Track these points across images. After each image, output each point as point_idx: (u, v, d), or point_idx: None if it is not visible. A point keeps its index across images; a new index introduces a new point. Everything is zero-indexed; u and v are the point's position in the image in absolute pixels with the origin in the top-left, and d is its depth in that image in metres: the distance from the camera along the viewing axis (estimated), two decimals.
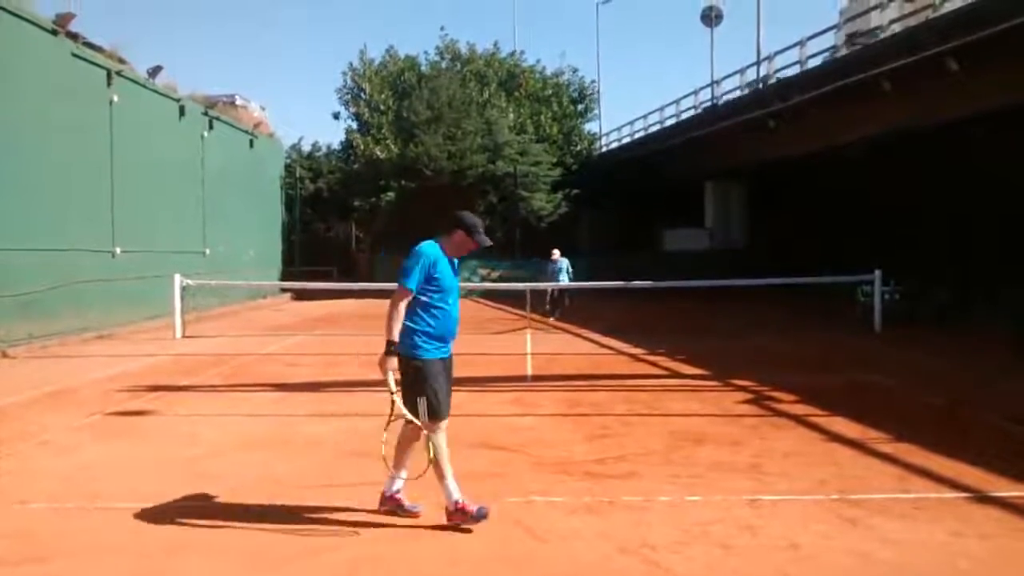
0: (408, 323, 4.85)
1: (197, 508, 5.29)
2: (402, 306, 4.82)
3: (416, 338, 4.85)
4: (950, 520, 4.90)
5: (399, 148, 33.43)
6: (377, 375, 4.85)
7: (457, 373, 5.21)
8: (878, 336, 15.30)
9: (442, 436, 4.90)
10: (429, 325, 4.89)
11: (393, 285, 4.92)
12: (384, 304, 4.98)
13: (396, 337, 4.79)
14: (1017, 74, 15.04)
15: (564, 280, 20.34)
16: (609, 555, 4.39)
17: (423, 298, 4.87)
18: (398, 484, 5.09)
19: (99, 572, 4.27)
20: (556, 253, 20.58)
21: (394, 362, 4.81)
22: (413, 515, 5.03)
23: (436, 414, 4.84)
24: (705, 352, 13.10)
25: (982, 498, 5.32)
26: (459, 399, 9.28)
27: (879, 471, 6.04)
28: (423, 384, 4.80)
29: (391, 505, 5.09)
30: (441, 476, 4.86)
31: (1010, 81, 15.30)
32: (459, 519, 4.82)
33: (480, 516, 4.79)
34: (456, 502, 4.84)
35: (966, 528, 4.76)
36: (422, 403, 4.80)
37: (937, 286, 18.52)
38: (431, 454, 4.77)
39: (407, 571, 4.22)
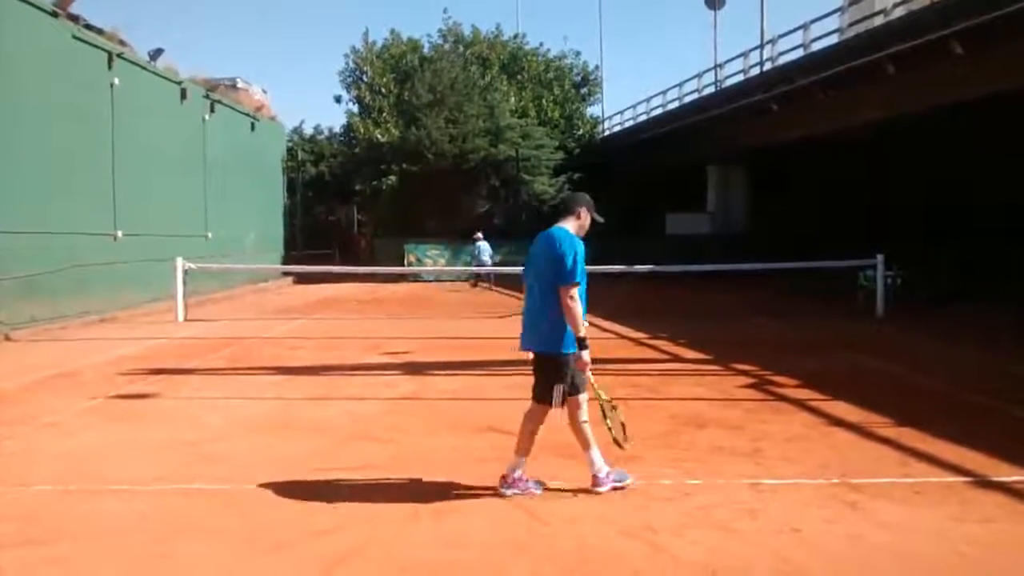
0: (559, 317, 4.91)
1: (200, 491, 5.31)
2: (578, 301, 4.88)
3: (566, 335, 4.93)
4: (951, 504, 4.91)
5: (400, 131, 33.33)
6: (376, 359, 4.86)
7: (460, 357, 5.23)
8: (881, 320, 15.29)
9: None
10: None
11: (394, 268, 4.95)
12: (387, 288, 5.01)
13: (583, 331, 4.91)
14: (1021, 58, 14.95)
15: (487, 261, 24.29)
16: (611, 538, 4.40)
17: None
18: (521, 466, 5.21)
19: (102, 554, 4.28)
20: (479, 235, 24.46)
21: (588, 355, 4.94)
22: (532, 494, 5.11)
23: (564, 402, 5.08)
24: (706, 336, 13.09)
25: (983, 482, 5.32)
26: (463, 383, 9.38)
27: (880, 455, 6.05)
28: (563, 373, 4.96)
29: (520, 487, 5.16)
30: (588, 445, 5.12)
31: (1014, 65, 15.21)
32: (602, 482, 5.06)
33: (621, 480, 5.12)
34: (597, 472, 5.10)
35: (967, 512, 4.76)
36: (559, 389, 4.97)
37: (939, 271, 18.50)
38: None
39: (408, 554, 4.23)
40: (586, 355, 4.93)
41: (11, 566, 4.13)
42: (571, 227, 5.13)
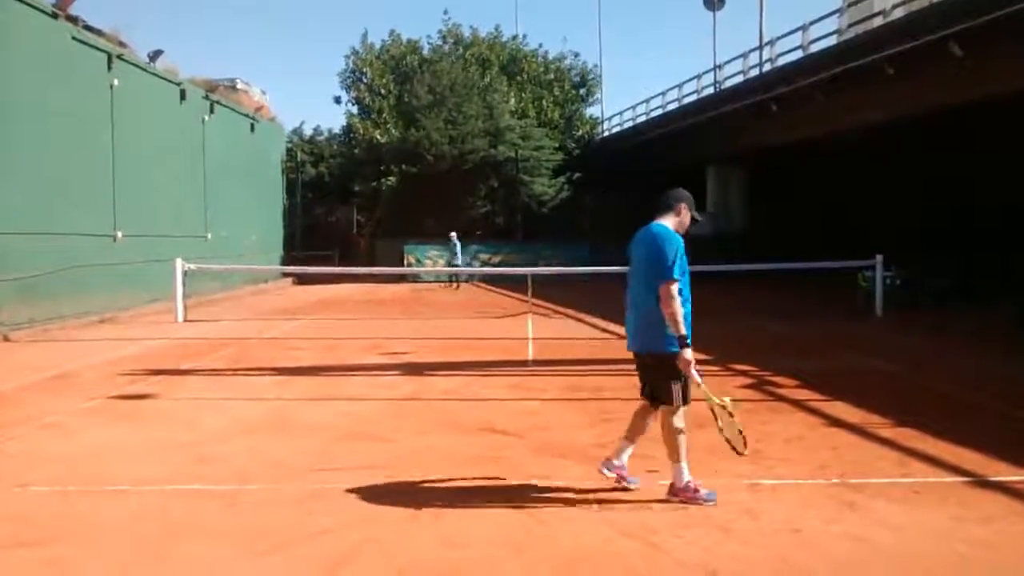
0: (661, 315, 4.85)
1: (198, 491, 5.30)
2: (677, 299, 4.81)
3: (669, 331, 4.85)
4: (951, 504, 4.91)
5: (400, 132, 33.33)
6: (375, 359, 4.85)
7: (458, 357, 5.22)
8: (879, 321, 15.29)
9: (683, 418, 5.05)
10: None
11: (394, 269, 4.94)
12: (386, 289, 5.00)
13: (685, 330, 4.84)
14: (1021, 59, 14.94)
15: (459, 259, 26.44)
16: (610, 538, 4.40)
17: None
18: (625, 456, 5.22)
19: (100, 555, 4.28)
20: (453, 235, 26.53)
21: (690, 353, 4.85)
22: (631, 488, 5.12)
23: (688, 398, 5.01)
24: (705, 337, 12.94)
25: (983, 482, 5.32)
26: (461, 383, 9.37)
27: (880, 455, 6.04)
28: (678, 371, 4.89)
29: (618, 475, 5.17)
30: (680, 457, 4.99)
31: (1014, 66, 15.20)
32: (686, 497, 4.92)
33: (709, 499, 4.92)
34: (687, 483, 4.99)
35: (967, 512, 4.76)
36: (676, 388, 4.91)
37: (939, 271, 18.49)
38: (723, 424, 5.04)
39: (407, 554, 4.23)
40: (688, 353, 4.82)
41: (9, 567, 4.12)
42: (670, 224, 5.08)
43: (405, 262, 29.93)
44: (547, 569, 4.03)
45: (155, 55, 21.17)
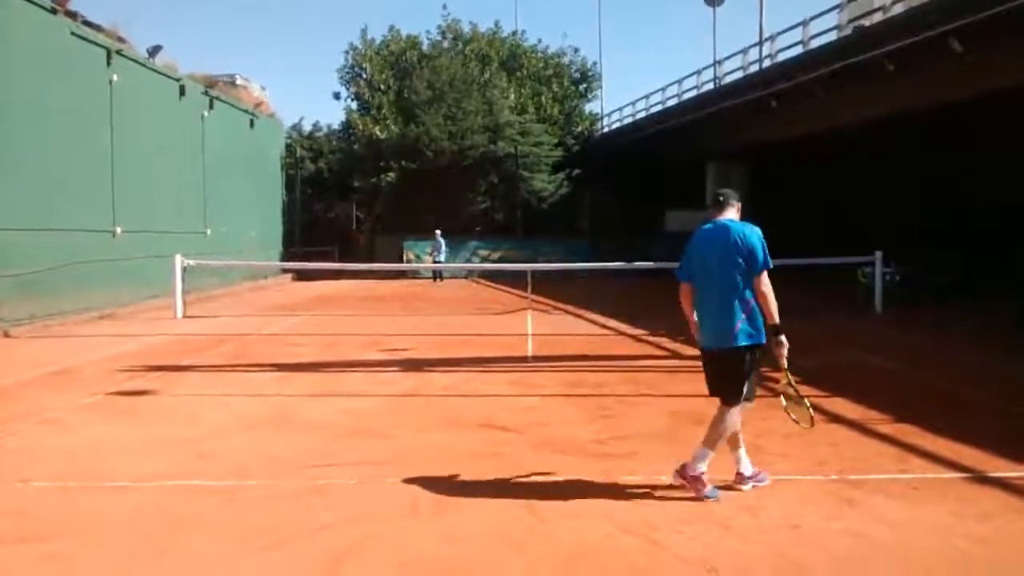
0: (747, 311, 4.92)
1: (198, 487, 5.30)
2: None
3: (752, 328, 4.93)
4: (950, 500, 4.91)
5: (399, 128, 33.31)
6: (375, 355, 4.85)
7: (458, 353, 5.22)
8: (879, 317, 15.30)
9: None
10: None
11: (393, 265, 4.94)
12: (385, 285, 5.01)
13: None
14: (1021, 55, 14.93)
15: (442, 256, 27.02)
16: (610, 535, 4.40)
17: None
18: (745, 463, 5.20)
19: (100, 551, 4.28)
20: (437, 233, 27.15)
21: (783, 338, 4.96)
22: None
23: (753, 395, 5.11)
24: None
25: (982, 478, 5.33)
26: (460, 379, 9.38)
27: (879, 452, 6.05)
28: (752, 367, 5.00)
29: (758, 478, 5.17)
30: (714, 446, 5.00)
31: (1014, 62, 15.19)
32: (691, 484, 4.92)
33: (710, 496, 4.92)
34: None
35: (965, 508, 4.77)
36: (746, 384, 4.99)
37: (939, 268, 18.50)
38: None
39: (406, 550, 4.23)
40: (783, 338, 4.96)
41: (10, 562, 4.13)
42: (736, 219, 5.17)
43: (404, 258, 29.95)
44: (548, 565, 4.04)
45: (154, 51, 21.16)
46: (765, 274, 4.90)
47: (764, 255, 4.90)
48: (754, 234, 4.97)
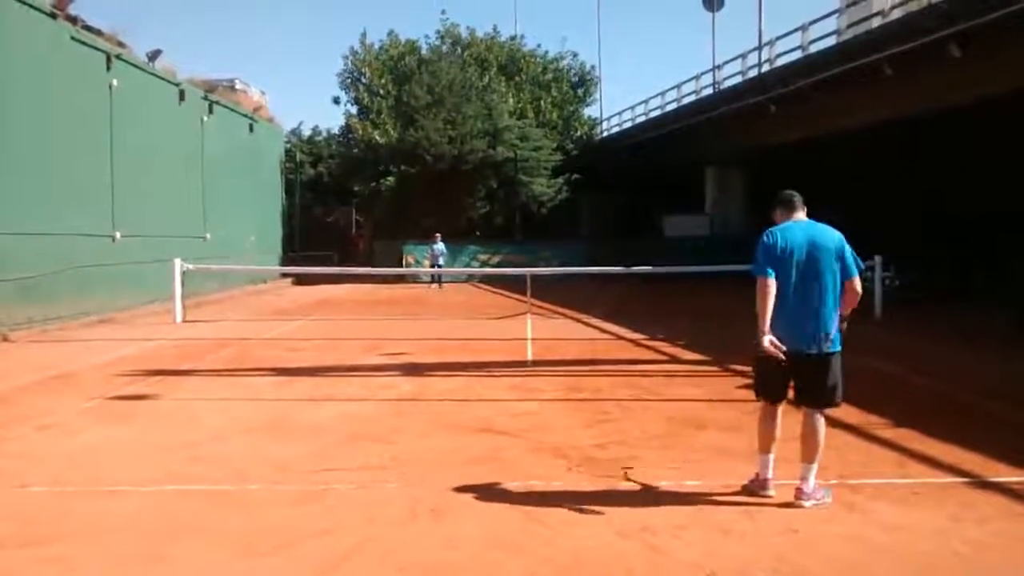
0: (836, 314, 5.03)
1: (198, 492, 5.30)
2: None
3: (836, 330, 5.06)
4: (949, 505, 4.91)
5: (399, 133, 33.33)
6: (375, 360, 4.85)
7: (458, 357, 5.21)
8: (879, 322, 15.30)
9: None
10: None
11: (392, 270, 4.94)
12: (385, 289, 5.01)
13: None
14: (1020, 60, 14.96)
15: (442, 261, 27.15)
16: (609, 540, 4.40)
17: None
18: (770, 470, 5.19)
19: (100, 555, 4.28)
20: (437, 236, 27.34)
21: None
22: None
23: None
24: (704, 337, 13.09)
25: (981, 483, 5.33)
26: (460, 384, 9.38)
27: (878, 456, 6.06)
28: (841, 370, 5.16)
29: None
30: (817, 459, 5.01)
31: (1012, 67, 15.22)
32: (816, 499, 4.88)
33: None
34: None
35: (965, 513, 4.77)
36: (841, 387, 5.21)
37: (937, 272, 18.51)
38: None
39: (405, 554, 4.23)
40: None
41: (9, 567, 4.13)
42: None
43: (404, 262, 29.94)
44: (547, 570, 4.04)
45: (154, 55, 21.16)
46: (861, 274, 4.98)
47: (856, 259, 5.00)
48: (843, 238, 5.03)
